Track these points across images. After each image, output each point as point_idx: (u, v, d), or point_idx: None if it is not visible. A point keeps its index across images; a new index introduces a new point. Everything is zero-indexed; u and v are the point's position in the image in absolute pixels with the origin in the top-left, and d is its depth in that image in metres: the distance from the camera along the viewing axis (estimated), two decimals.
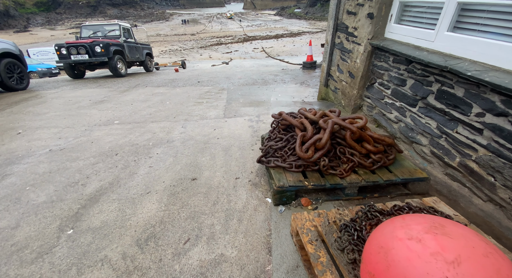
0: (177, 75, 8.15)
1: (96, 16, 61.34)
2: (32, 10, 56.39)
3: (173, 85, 5.78)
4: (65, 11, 60.99)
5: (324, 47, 3.81)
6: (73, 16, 59.81)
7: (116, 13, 68.80)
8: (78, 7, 62.71)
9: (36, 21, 53.69)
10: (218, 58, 19.85)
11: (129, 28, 8.51)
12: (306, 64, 7.94)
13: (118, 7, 72.73)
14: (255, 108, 3.79)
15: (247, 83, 6.02)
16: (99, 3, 66.46)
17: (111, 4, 71.92)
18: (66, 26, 50.55)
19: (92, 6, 64.54)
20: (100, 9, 66.28)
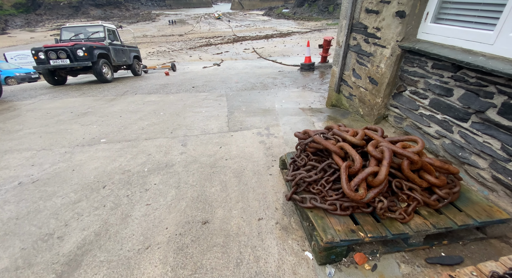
0: (168, 79, 7.64)
1: (78, 17, 59.01)
2: (11, 12, 53.60)
3: (166, 92, 5.29)
4: (45, 12, 58.36)
5: (335, 50, 3.46)
6: (54, 18, 57.33)
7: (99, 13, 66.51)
8: (59, 8, 60.16)
9: (15, 23, 51.03)
10: (208, 59, 19.30)
11: (115, 30, 7.91)
12: (304, 66, 7.62)
13: (101, 8, 70.39)
14: (261, 118, 3.40)
15: (245, 88, 5.62)
16: (82, 4, 64.07)
17: (94, 5, 69.53)
18: (46, 27, 48.29)
19: (74, 7, 62.12)
20: (82, 9, 63.90)
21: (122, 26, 39.81)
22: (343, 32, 3.19)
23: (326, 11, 51.15)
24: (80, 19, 56.35)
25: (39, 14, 57.30)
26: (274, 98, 4.65)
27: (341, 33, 3.25)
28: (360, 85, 2.95)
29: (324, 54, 7.91)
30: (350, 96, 3.26)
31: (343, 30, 3.20)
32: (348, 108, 3.36)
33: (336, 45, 3.44)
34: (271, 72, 8.56)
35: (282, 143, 2.58)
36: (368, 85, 2.78)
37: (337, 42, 3.41)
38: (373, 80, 2.68)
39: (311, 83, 5.98)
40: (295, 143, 2.56)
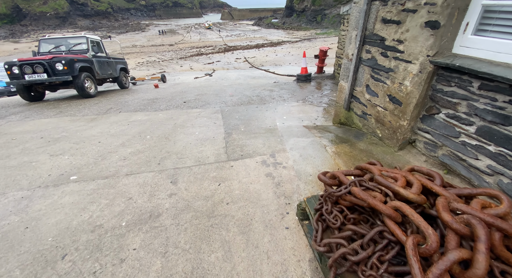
0: (157, 92, 7.15)
1: (65, 28, 57.97)
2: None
3: (154, 108, 4.81)
4: (31, 23, 57.09)
5: (343, 64, 3.12)
6: (40, 28, 56.09)
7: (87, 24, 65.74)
8: (45, 19, 59.03)
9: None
10: (200, 69, 18.96)
11: (99, 41, 7.42)
12: (301, 77, 7.34)
13: (90, 18, 69.67)
14: (264, 140, 2.97)
15: (242, 102, 5.22)
16: (69, 14, 63.22)
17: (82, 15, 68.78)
18: (32, 38, 47.00)
19: (61, 17, 61.15)
20: (70, 20, 63.00)
21: (111, 36, 39.31)
22: (353, 44, 2.85)
23: (315, 21, 52.44)
24: (68, 30, 55.38)
25: (24, 25, 56.00)
26: (274, 114, 4.25)
27: (351, 45, 2.92)
28: (377, 104, 2.59)
29: (320, 64, 7.68)
30: (363, 115, 2.89)
31: (353, 42, 2.87)
32: (361, 128, 2.99)
33: (344, 58, 3.10)
34: (266, 83, 8.24)
35: (294, 176, 2.15)
36: (388, 104, 2.42)
37: (345, 55, 3.07)
38: (395, 99, 2.31)
39: (311, 96, 5.65)
40: (309, 176, 2.13)
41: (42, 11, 57.43)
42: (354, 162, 2.27)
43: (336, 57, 7.19)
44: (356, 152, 2.47)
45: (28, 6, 55.19)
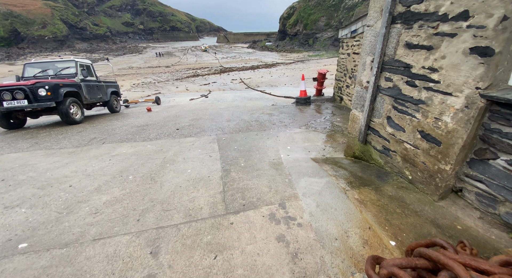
0: (149, 116, 6.74)
1: (63, 50, 58.97)
2: None
3: (143, 138, 4.33)
4: (28, 46, 57.98)
5: (356, 91, 2.77)
6: (37, 51, 56.85)
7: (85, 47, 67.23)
8: (43, 42, 60.15)
9: None
10: (196, 90, 18.89)
11: (90, 65, 7.12)
12: (300, 100, 7.08)
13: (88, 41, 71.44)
14: (269, 181, 2.50)
15: (240, 128, 4.81)
16: (67, 38, 64.73)
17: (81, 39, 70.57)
18: (28, 60, 47.40)
19: (59, 41, 62.48)
20: (68, 43, 64.37)
21: (109, 59, 40.10)
22: (368, 70, 2.52)
23: (307, 44, 54.86)
24: (65, 52, 56.28)
25: (22, 48, 56.76)
26: (276, 143, 3.83)
27: (365, 72, 2.59)
28: (404, 140, 2.18)
29: (319, 87, 7.50)
30: (385, 151, 2.47)
31: (367, 68, 2.54)
32: (383, 166, 2.55)
33: (357, 85, 2.76)
34: (264, 105, 7.95)
35: (314, 240, 1.65)
36: (419, 142, 2.01)
37: (358, 82, 2.73)
38: (429, 137, 1.91)
39: (313, 121, 5.30)
40: (334, 241, 1.63)
41: (40, 34, 58.68)
42: (386, 217, 1.80)
43: (335, 80, 7.02)
44: (385, 200, 2.01)
45: (26, 30, 56.38)
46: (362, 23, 5.06)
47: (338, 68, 6.63)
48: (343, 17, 49.56)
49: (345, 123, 4.95)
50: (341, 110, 6.08)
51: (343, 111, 5.95)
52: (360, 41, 5.30)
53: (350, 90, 6.00)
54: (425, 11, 1.83)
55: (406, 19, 2.00)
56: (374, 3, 2.31)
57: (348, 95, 6.17)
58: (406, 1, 1.98)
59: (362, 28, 5.11)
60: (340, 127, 4.68)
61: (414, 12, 1.92)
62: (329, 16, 52.73)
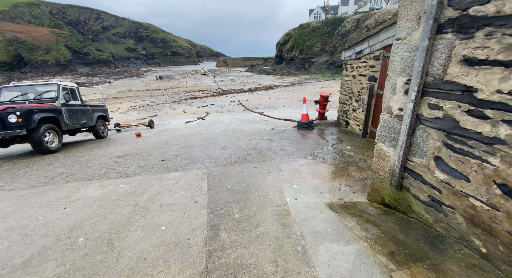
0: (136, 143, 6.07)
1: (65, 74, 60.13)
2: None
3: (118, 173, 3.61)
4: (30, 70, 59.11)
5: (383, 120, 2.16)
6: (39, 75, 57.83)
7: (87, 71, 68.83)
8: (46, 66, 61.52)
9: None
10: (193, 113, 18.55)
11: (75, 88, 6.61)
12: (302, 124, 6.51)
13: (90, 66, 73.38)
14: (275, 249, 1.75)
15: (235, 159, 4.12)
16: (70, 62, 66.48)
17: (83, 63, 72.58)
18: None
19: (62, 65, 64.03)
20: (70, 67, 65.94)
21: (111, 82, 40.72)
22: (401, 94, 1.92)
23: (303, 67, 56.68)
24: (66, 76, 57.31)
25: (24, 72, 57.80)
26: (279, 180, 3.12)
27: (395, 96, 1.99)
28: (469, 194, 1.50)
29: (322, 110, 7.01)
30: (434, 204, 1.78)
31: (399, 92, 1.95)
32: (431, 224, 1.83)
33: (384, 113, 2.15)
34: (263, 129, 7.37)
35: None
36: (501, 201, 1.33)
37: (385, 108, 2.13)
38: None
39: (319, 149, 4.65)
40: None
41: (44, 59, 60.25)
42: None
43: (340, 103, 6.53)
44: None
45: (30, 55, 57.95)
46: (368, 43, 4.69)
47: (342, 90, 6.18)
48: (337, 43, 51.86)
49: (357, 152, 4.31)
50: (348, 136, 5.47)
51: (351, 137, 5.34)
52: (366, 62, 4.88)
53: (357, 114, 5.46)
54: (496, 13, 1.27)
55: (462, 27, 1.44)
56: (407, 10, 1.79)
57: (355, 119, 5.62)
58: (460, 2, 1.44)
59: (368, 49, 4.72)
60: (353, 158, 4.02)
61: (476, 16, 1.36)
62: (323, 42, 55.22)
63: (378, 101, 4.63)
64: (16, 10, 69.42)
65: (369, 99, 4.81)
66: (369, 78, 4.83)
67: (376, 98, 4.67)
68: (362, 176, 3.29)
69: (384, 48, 4.27)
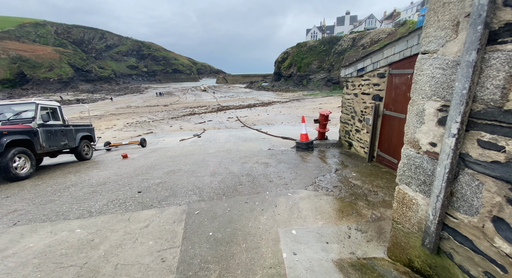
0: (119, 167, 5.50)
1: (66, 91, 60.72)
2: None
3: (81, 211, 3.01)
4: (32, 87, 59.68)
5: (406, 156, 1.64)
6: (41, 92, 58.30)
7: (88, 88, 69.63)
8: (48, 83, 62.24)
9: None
10: (190, 129, 18.13)
11: (56, 108, 6.17)
12: (301, 145, 6.00)
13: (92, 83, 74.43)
14: None
15: (225, 190, 3.55)
16: (72, 79, 67.41)
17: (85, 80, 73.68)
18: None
19: (64, 82, 64.83)
20: (72, 84, 66.74)
21: (112, 98, 41.03)
22: (432, 125, 1.42)
23: (301, 84, 57.53)
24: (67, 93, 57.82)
25: (25, 89, 58.33)
26: (274, 222, 2.54)
27: (422, 126, 1.49)
28: None
29: (322, 130, 6.55)
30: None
31: (427, 120, 1.45)
32: None
33: (408, 146, 1.63)
34: (260, 150, 6.84)
35: None
36: None
37: (410, 141, 1.61)
38: None
39: (321, 176, 4.09)
40: None
41: (46, 76, 61.13)
42: None
43: (341, 122, 6.07)
44: None
45: (33, 73, 58.86)
46: (371, 60, 4.32)
47: (344, 109, 5.76)
48: (334, 61, 53.08)
49: (364, 181, 3.75)
50: (353, 160, 4.93)
51: (356, 161, 4.80)
52: (370, 80, 4.48)
53: (362, 136, 4.97)
54: None
55: None
56: (437, 14, 1.34)
57: (359, 141, 5.12)
58: None
59: (371, 66, 4.34)
60: (360, 188, 3.46)
61: None
62: (320, 60, 56.57)
63: (384, 122, 4.16)
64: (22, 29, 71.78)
65: (375, 120, 4.34)
66: (374, 97, 4.40)
67: (382, 119, 4.20)
68: (375, 215, 2.71)
69: (390, 65, 3.87)
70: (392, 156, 4.05)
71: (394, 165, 4.02)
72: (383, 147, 4.30)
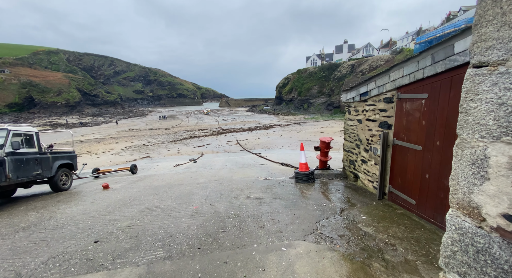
0: (92, 202, 4.81)
1: (72, 115, 61.91)
2: (2, 111, 55.38)
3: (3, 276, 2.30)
4: (39, 111, 61.08)
5: (450, 222, 0.99)
6: (47, 115, 59.45)
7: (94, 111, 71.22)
8: (55, 107, 63.81)
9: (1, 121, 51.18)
10: (187, 153, 17.56)
11: (33, 134, 5.69)
12: (301, 176, 5.32)
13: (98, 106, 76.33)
14: None
15: (201, 242, 2.82)
16: (79, 103, 69.23)
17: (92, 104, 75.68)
18: (34, 124, 48.39)
19: (70, 106, 66.48)
20: (78, 108, 68.38)
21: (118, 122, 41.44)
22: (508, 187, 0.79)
23: (302, 108, 58.18)
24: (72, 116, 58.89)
25: (32, 112, 59.62)
26: None
27: (488, 183, 0.87)
28: None
29: (323, 158, 5.91)
30: None
31: (499, 176, 0.84)
32: None
33: (459, 212, 0.99)
34: (255, 179, 6.14)
35: None
36: None
37: (461, 204, 0.97)
38: None
39: (324, 219, 3.35)
40: None
41: (54, 101, 62.90)
42: None
43: (345, 150, 5.45)
44: None
45: (41, 97, 60.70)
46: (375, 84, 3.85)
47: (347, 136, 5.19)
48: (333, 86, 54.17)
49: (377, 227, 3.00)
50: (360, 196, 4.20)
51: (364, 198, 4.07)
52: (375, 105, 3.97)
53: (369, 168, 4.31)
54: None
55: None
56: (499, 3, 0.79)
57: (366, 173, 4.44)
58: None
59: (376, 90, 3.86)
60: (374, 240, 2.71)
61: None
62: (320, 85, 57.84)
63: (396, 153, 3.53)
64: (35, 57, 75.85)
65: (384, 150, 3.73)
66: (381, 124, 3.84)
67: (393, 150, 3.59)
68: None
69: (398, 89, 3.37)
70: (408, 195, 3.35)
71: (411, 206, 3.29)
72: (396, 183, 3.62)
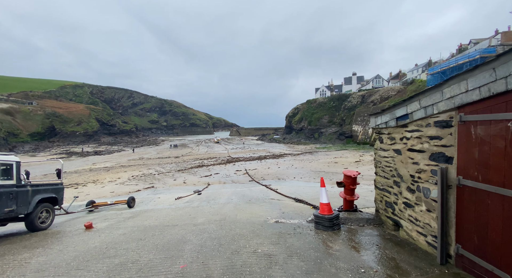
0: (60, 249, 3.85)
1: (88, 143, 64.07)
2: (25, 139, 58.09)
3: None
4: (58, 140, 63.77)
5: None
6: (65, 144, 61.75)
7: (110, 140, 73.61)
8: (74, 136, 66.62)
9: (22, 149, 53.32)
10: (193, 184, 16.55)
11: (13, 163, 5.05)
12: (323, 222, 4.17)
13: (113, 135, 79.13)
14: None
15: None
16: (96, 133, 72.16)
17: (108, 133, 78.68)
18: (51, 152, 49.89)
19: (88, 135, 69.25)
20: (95, 137, 71.06)
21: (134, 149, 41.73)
22: None
23: (312, 137, 57.24)
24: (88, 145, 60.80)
25: (52, 141, 62.24)
26: None
27: None
28: None
29: (349, 197, 4.78)
30: None
31: None
32: None
33: None
34: (263, 221, 4.98)
35: None
36: None
37: None
38: None
39: None
40: None
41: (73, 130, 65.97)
42: None
43: (378, 188, 4.34)
44: None
45: (62, 127, 63.96)
46: (420, 104, 2.98)
47: (380, 171, 4.14)
48: (344, 116, 53.64)
49: None
50: (411, 257, 2.99)
51: (416, 260, 2.86)
52: (421, 131, 3.03)
53: (418, 214, 3.17)
54: None
55: None
56: None
57: (413, 222, 3.28)
58: None
59: (422, 112, 2.96)
60: None
61: None
62: (331, 115, 57.58)
63: (465, 198, 2.46)
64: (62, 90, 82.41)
65: (444, 193, 2.66)
66: (433, 156, 2.84)
67: (459, 193, 2.52)
68: None
69: (459, 109, 2.46)
70: (496, 265, 2.17)
71: None
72: (469, 243, 2.46)
